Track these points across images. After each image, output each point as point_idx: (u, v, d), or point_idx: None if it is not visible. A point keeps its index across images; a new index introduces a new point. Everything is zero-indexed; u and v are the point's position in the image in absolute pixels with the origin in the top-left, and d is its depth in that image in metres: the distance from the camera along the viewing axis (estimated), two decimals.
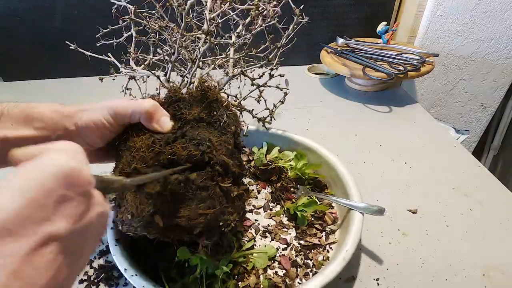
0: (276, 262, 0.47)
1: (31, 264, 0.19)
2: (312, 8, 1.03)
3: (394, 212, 0.57)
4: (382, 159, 0.70)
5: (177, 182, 0.34)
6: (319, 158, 0.59)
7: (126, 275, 0.39)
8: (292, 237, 0.51)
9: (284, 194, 0.57)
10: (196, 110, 0.39)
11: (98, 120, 0.36)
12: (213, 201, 0.36)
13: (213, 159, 0.36)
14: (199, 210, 0.35)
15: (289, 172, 0.59)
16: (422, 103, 1.00)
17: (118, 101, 0.37)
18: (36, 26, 0.99)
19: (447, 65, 1.11)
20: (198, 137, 0.37)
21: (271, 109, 0.61)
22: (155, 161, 0.35)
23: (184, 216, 0.34)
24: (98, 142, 0.37)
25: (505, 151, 1.34)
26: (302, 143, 0.61)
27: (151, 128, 0.37)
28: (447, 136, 0.78)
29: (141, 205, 0.34)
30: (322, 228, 0.52)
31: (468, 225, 0.54)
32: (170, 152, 0.35)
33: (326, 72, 1.10)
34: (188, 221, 0.35)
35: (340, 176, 0.54)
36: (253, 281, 0.44)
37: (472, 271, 0.47)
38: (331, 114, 0.86)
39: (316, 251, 0.49)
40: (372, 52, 0.95)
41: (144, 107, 0.36)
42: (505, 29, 1.03)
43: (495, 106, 1.20)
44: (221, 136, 0.40)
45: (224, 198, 0.37)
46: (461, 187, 0.62)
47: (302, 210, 0.52)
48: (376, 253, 0.50)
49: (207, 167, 0.36)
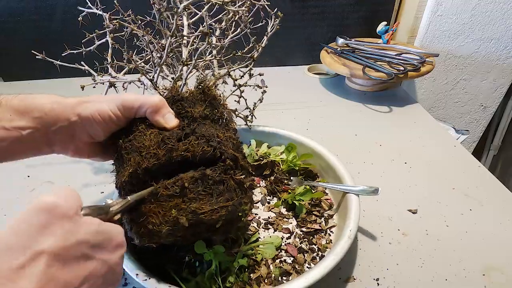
0: (283, 251, 0.49)
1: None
2: (312, 8, 1.03)
3: (394, 212, 0.57)
4: (382, 159, 0.70)
5: (194, 180, 0.35)
6: (306, 149, 0.61)
7: (139, 280, 0.39)
8: (294, 225, 0.53)
9: (279, 186, 0.59)
10: (200, 108, 0.40)
11: (105, 112, 0.35)
12: (231, 193, 0.37)
13: (224, 154, 0.37)
14: (219, 204, 0.36)
15: (282, 165, 0.61)
16: (422, 103, 1.00)
17: (126, 94, 0.37)
18: (36, 26, 0.99)
19: (447, 65, 1.11)
20: (207, 133, 0.37)
21: (251, 108, 0.63)
22: (167, 158, 0.35)
23: (207, 212, 0.35)
24: (100, 134, 0.37)
25: (505, 151, 1.34)
26: (288, 137, 0.64)
27: (156, 123, 0.37)
28: (447, 136, 0.77)
29: (163, 211, 0.34)
30: (320, 214, 0.54)
31: (468, 225, 0.54)
32: (184, 148, 0.35)
33: (326, 72, 1.10)
34: (211, 215, 0.35)
35: (331, 164, 0.57)
36: (264, 271, 0.45)
37: (472, 271, 0.47)
38: (331, 114, 0.86)
39: (318, 236, 0.51)
40: (372, 52, 0.95)
41: (153, 100, 0.36)
42: (505, 29, 1.03)
43: (495, 106, 1.20)
44: (226, 132, 0.41)
45: (239, 190, 0.38)
46: (461, 187, 0.62)
47: (300, 199, 0.54)
48: (376, 253, 0.50)
49: (219, 162, 0.37)
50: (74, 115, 0.35)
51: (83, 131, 0.36)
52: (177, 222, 0.34)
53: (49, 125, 0.35)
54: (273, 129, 0.65)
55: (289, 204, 0.55)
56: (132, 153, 0.36)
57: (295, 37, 1.07)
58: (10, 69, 1.07)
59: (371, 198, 0.59)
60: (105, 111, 0.36)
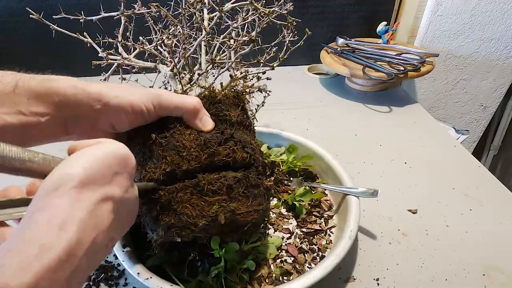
0: (284, 251, 0.49)
1: (98, 211, 0.24)
2: (312, 8, 1.03)
3: (394, 212, 0.57)
4: (382, 159, 0.70)
5: (237, 180, 0.36)
6: (307, 151, 0.62)
7: (140, 279, 0.39)
8: (294, 226, 0.53)
9: (280, 187, 0.59)
10: (235, 113, 0.40)
11: (138, 105, 0.34)
12: (262, 198, 0.39)
13: (256, 161, 0.39)
14: (253, 207, 0.37)
15: (282, 166, 0.61)
16: (422, 103, 1.00)
17: (163, 91, 0.36)
18: (36, 26, 0.98)
19: (447, 65, 1.11)
20: (243, 139, 0.38)
21: (254, 110, 0.63)
22: (209, 161, 0.35)
23: (243, 213, 0.36)
24: (124, 126, 0.35)
25: (505, 151, 1.34)
26: (289, 139, 0.64)
27: (193, 126, 0.36)
28: (447, 136, 0.78)
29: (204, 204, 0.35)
30: (320, 215, 0.54)
31: (468, 225, 0.54)
32: (225, 153, 0.36)
33: (326, 72, 1.10)
34: (246, 217, 0.36)
35: (330, 165, 0.58)
36: (265, 271, 0.45)
37: (472, 271, 0.47)
38: (331, 114, 0.86)
39: (319, 237, 0.51)
40: (372, 52, 0.95)
41: (191, 103, 0.35)
42: (505, 29, 1.03)
43: (495, 106, 1.20)
44: (254, 138, 0.42)
45: (266, 196, 0.40)
46: (461, 187, 0.62)
47: (300, 200, 0.54)
48: (376, 253, 0.50)
49: (252, 167, 0.38)
50: (99, 103, 0.32)
51: (106, 120, 0.34)
52: (216, 218, 0.35)
53: (69, 111, 0.32)
54: (274, 130, 0.66)
55: (289, 205, 0.56)
56: (169, 151, 0.35)
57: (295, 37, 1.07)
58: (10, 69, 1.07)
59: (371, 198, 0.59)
60: (138, 105, 0.34)
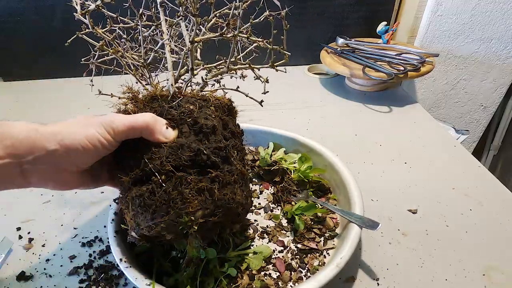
0: (271, 264, 0.47)
1: None
2: (312, 8, 1.03)
3: (394, 212, 0.57)
4: (382, 159, 0.70)
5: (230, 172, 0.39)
6: (323, 161, 0.58)
7: (121, 266, 0.40)
8: (290, 240, 0.51)
9: (285, 196, 0.56)
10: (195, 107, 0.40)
11: (93, 138, 0.32)
12: (247, 186, 0.43)
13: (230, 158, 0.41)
14: (243, 194, 0.40)
15: (292, 174, 0.58)
16: (422, 103, 1.00)
17: (115, 116, 0.35)
18: (36, 26, 0.99)
19: (447, 65, 1.11)
20: (217, 141, 0.38)
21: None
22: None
23: (235, 201, 0.39)
24: (88, 161, 0.34)
25: (505, 151, 1.34)
26: (307, 145, 0.61)
27: (156, 141, 0.35)
28: (447, 136, 0.77)
29: (203, 197, 0.36)
30: (321, 233, 0.51)
31: (468, 225, 0.54)
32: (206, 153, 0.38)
33: (326, 72, 1.10)
34: (240, 205, 0.40)
35: (344, 182, 0.53)
36: (246, 281, 0.43)
37: (472, 271, 0.47)
38: (331, 114, 0.86)
39: (312, 256, 0.48)
40: (372, 52, 0.95)
41: (144, 120, 0.34)
42: (505, 29, 1.03)
43: (495, 106, 1.20)
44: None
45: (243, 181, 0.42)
46: (461, 187, 0.62)
47: (300, 214, 0.51)
48: (376, 253, 0.50)
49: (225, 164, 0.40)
50: (54, 144, 0.31)
51: (67, 160, 0.33)
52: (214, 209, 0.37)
53: (23, 154, 0.31)
54: (293, 134, 0.63)
55: (289, 217, 0.53)
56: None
57: (295, 37, 1.07)
58: (10, 69, 1.07)
59: (371, 197, 0.59)
60: (94, 137, 0.32)
